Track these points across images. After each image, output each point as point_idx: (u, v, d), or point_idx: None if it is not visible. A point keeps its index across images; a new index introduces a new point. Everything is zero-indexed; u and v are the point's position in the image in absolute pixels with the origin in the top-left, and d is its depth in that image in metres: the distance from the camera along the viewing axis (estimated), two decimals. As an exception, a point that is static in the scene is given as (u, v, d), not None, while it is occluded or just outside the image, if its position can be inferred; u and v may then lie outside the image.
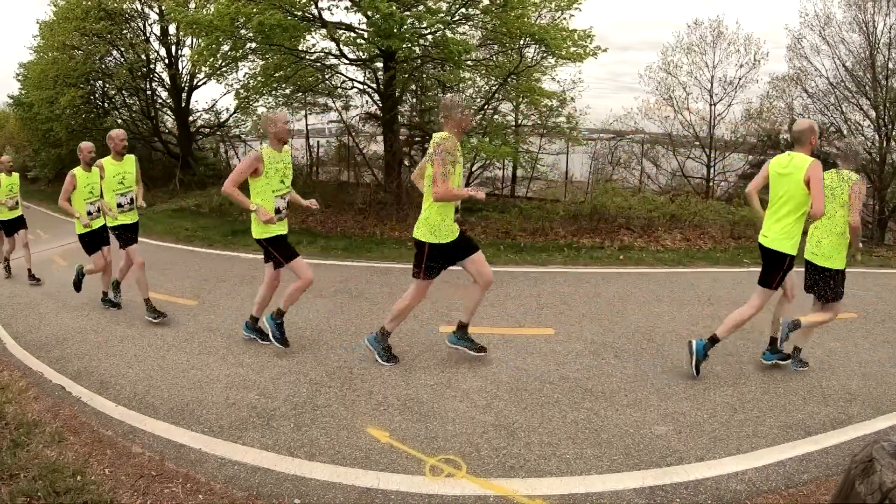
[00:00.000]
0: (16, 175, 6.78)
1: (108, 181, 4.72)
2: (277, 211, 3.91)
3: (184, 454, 2.90)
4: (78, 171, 4.99)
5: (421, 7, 8.76)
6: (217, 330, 4.68)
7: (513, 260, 7.26)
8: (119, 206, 4.78)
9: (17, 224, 6.77)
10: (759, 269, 3.67)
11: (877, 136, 12.04)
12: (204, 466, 2.79)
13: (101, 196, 4.85)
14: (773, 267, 3.54)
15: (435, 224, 3.54)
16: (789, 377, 3.77)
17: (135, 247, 4.89)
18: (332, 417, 3.23)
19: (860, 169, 3.56)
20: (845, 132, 12.39)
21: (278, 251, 3.97)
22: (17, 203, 6.70)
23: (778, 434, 3.05)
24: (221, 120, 15.48)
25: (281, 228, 3.97)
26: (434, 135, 3.50)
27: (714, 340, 3.68)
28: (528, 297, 5.53)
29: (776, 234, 3.50)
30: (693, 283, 6.22)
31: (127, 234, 4.85)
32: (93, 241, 5.16)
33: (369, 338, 3.97)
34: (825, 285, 3.66)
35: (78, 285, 5.51)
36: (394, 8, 7.74)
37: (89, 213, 5.01)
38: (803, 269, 3.76)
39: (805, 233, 3.58)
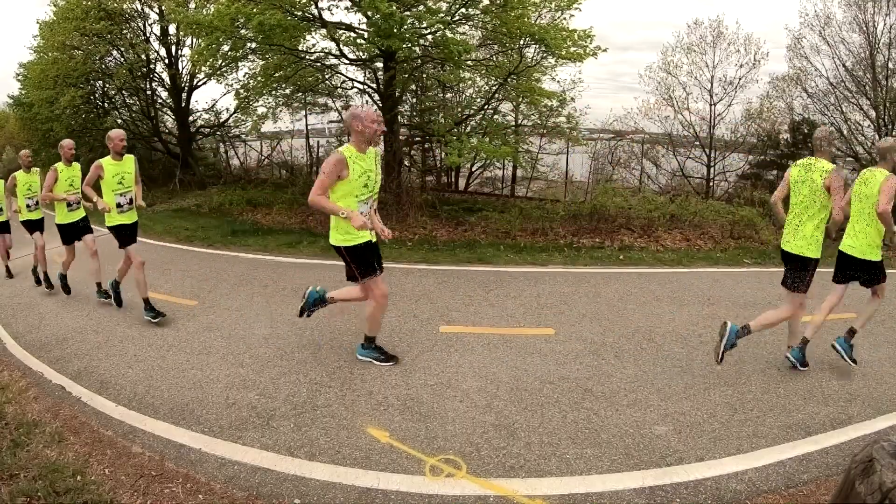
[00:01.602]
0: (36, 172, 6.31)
1: (108, 181, 4.73)
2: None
3: (184, 454, 2.90)
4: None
5: (421, 7, 8.74)
6: (217, 330, 4.68)
7: (513, 260, 7.26)
8: (118, 206, 4.80)
9: (35, 227, 6.33)
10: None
11: (877, 136, 12.04)
12: (204, 466, 2.79)
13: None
14: None
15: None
16: (789, 377, 3.77)
17: (134, 246, 4.91)
18: (332, 417, 3.23)
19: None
20: (845, 132, 12.40)
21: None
22: (37, 203, 6.30)
23: (778, 434, 3.05)
24: (221, 120, 15.46)
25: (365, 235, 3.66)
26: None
27: None
28: (528, 297, 5.53)
29: None
30: (693, 283, 6.22)
31: (125, 234, 4.88)
32: (70, 232, 5.62)
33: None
34: None
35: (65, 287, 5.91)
36: (394, 8, 7.74)
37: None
38: None
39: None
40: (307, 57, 10.19)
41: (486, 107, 11.10)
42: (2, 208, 6.82)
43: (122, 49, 14.40)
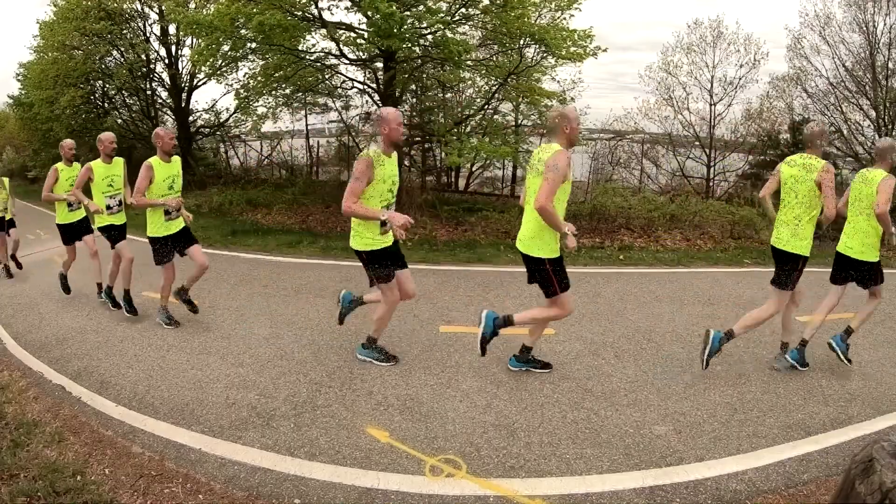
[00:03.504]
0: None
1: (98, 184, 4.91)
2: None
3: (184, 454, 2.89)
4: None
5: (421, 7, 8.74)
6: (217, 330, 4.68)
7: (513, 260, 7.26)
8: (108, 207, 4.98)
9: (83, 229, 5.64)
10: (773, 270, 3.78)
11: (877, 136, 12.04)
12: (204, 466, 2.79)
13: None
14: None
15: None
16: (789, 377, 3.77)
17: (124, 242, 5.12)
18: (332, 417, 3.23)
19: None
20: (845, 132, 12.40)
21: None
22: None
23: (778, 434, 3.05)
24: (221, 120, 15.46)
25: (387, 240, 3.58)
26: (544, 146, 3.34)
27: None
28: (528, 298, 5.53)
29: None
30: (693, 283, 6.22)
31: (114, 234, 5.09)
32: (71, 232, 5.57)
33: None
34: None
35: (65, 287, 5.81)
36: (394, 8, 7.74)
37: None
38: None
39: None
40: (307, 57, 10.19)
41: (486, 107, 11.10)
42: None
43: (122, 49, 14.40)
